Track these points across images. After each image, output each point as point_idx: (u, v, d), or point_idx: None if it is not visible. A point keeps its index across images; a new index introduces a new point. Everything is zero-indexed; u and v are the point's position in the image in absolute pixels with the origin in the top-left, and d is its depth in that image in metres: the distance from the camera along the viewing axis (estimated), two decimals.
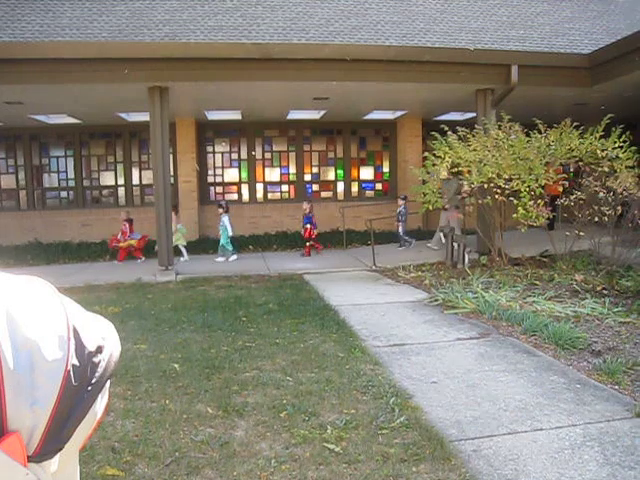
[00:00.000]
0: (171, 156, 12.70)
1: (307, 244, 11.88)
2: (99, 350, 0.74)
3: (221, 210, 11.53)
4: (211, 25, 10.70)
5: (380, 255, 10.53)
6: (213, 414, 3.86)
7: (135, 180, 14.63)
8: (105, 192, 14.72)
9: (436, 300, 7.28)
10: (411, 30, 11.30)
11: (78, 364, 0.69)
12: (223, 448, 3.38)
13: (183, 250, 11.48)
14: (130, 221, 11.72)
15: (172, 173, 13.21)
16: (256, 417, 3.80)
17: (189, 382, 4.48)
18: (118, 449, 3.37)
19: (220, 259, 11.38)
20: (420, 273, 9.12)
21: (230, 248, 11.49)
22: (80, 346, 0.71)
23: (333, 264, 10.59)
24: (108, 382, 0.79)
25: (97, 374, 0.73)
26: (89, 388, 0.71)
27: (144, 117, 10.20)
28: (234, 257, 11.47)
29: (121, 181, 14.61)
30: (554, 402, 4.02)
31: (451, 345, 5.48)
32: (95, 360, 0.73)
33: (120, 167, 14.58)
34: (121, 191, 14.65)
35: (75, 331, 0.71)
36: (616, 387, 4.31)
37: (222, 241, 11.46)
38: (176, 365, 4.89)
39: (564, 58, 10.21)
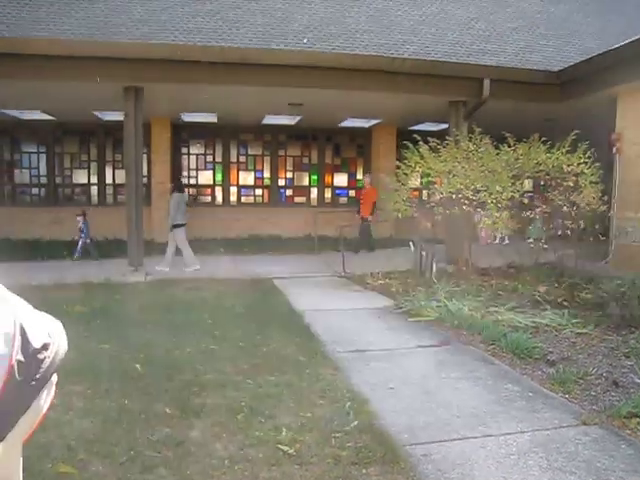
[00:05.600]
0: (145, 156, 12.68)
1: None
2: (45, 347, 0.80)
3: None
4: (190, 27, 10.72)
5: (350, 261, 10.63)
6: (171, 414, 3.89)
7: (109, 179, 14.54)
8: (77, 190, 14.61)
9: (401, 308, 7.38)
10: (389, 40, 11.46)
11: (23, 360, 0.75)
12: (178, 448, 3.41)
13: None
14: None
15: (146, 174, 13.15)
16: (213, 418, 3.84)
17: (150, 382, 4.49)
18: (74, 447, 3.39)
19: None
20: (388, 281, 9.23)
21: None
22: (26, 343, 0.77)
23: (303, 269, 10.66)
24: (54, 377, 0.85)
25: (42, 370, 0.79)
26: (32, 383, 0.78)
27: (119, 116, 10.17)
28: None
29: (94, 180, 14.50)
30: (506, 409, 4.13)
31: (411, 352, 5.58)
32: (40, 357, 0.78)
33: (94, 165, 14.48)
34: (94, 190, 14.54)
35: (22, 329, 0.77)
36: (566, 396, 4.44)
37: None
38: (138, 365, 4.89)
39: (534, 74, 10.46)
